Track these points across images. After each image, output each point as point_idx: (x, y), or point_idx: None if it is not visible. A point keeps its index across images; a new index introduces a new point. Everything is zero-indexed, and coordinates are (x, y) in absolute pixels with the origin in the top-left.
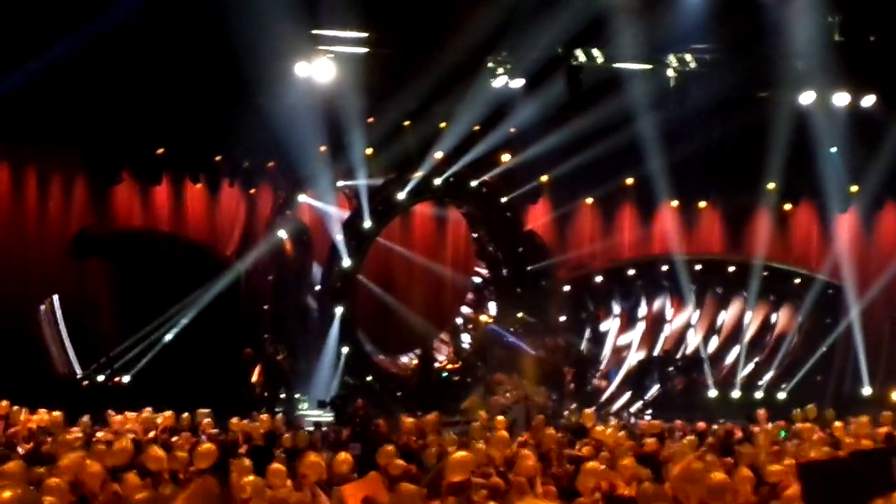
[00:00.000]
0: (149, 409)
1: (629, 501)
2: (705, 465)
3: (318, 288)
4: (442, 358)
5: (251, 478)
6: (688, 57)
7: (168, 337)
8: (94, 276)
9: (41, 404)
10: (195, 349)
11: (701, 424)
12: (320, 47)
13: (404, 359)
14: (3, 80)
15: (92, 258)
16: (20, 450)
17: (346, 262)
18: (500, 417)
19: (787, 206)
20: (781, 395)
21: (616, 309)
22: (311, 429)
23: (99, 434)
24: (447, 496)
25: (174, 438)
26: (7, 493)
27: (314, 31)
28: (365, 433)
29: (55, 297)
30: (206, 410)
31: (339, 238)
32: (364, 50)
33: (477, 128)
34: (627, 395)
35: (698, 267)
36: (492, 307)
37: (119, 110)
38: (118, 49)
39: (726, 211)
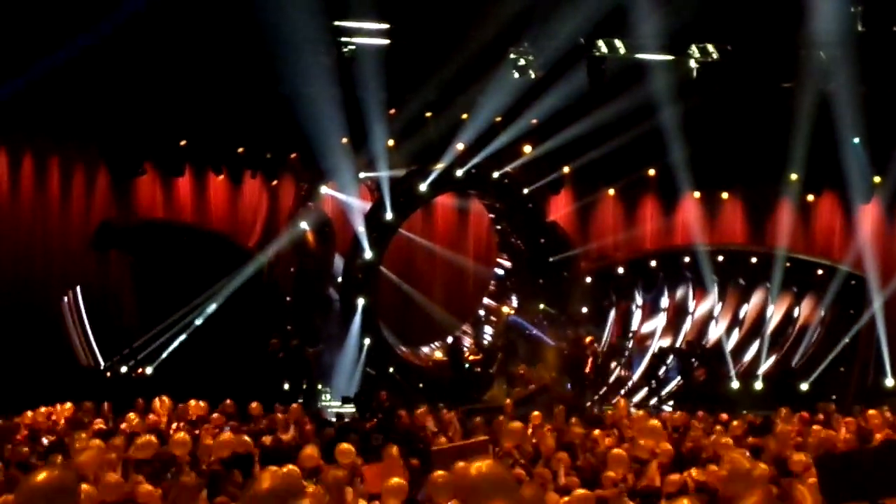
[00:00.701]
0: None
1: (653, 493)
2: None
3: (339, 279)
4: (464, 349)
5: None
6: (710, 47)
7: (191, 328)
8: (116, 267)
9: (64, 396)
10: (218, 340)
11: (723, 416)
12: (343, 39)
13: (426, 350)
14: (25, 73)
15: (114, 250)
16: (44, 440)
17: (368, 254)
18: (536, 413)
19: (810, 197)
20: (804, 387)
21: (638, 300)
22: (335, 419)
23: (123, 426)
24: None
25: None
26: (43, 474)
27: (337, 23)
28: (388, 424)
29: (78, 289)
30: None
31: (360, 230)
32: (386, 41)
33: (499, 119)
34: (649, 386)
35: (720, 258)
36: (514, 298)
37: (141, 102)
38: (140, 40)
39: (749, 202)
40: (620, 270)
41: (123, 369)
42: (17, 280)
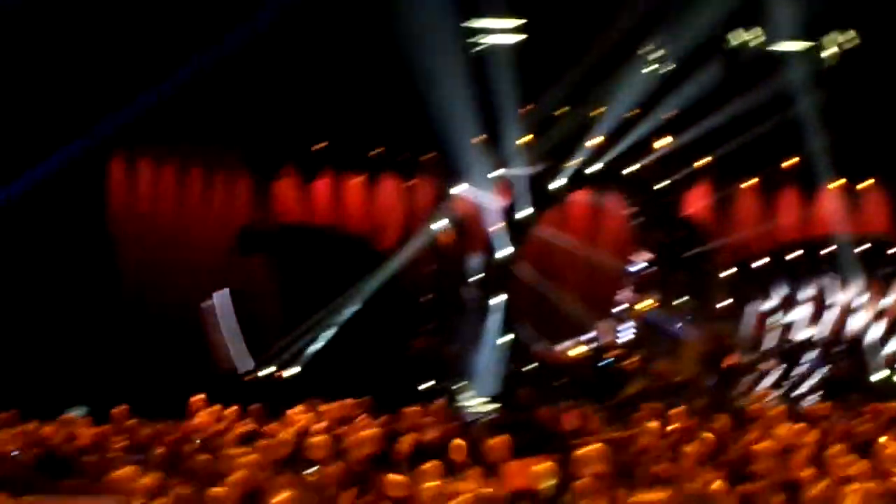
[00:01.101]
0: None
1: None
2: None
3: (476, 278)
4: (603, 346)
5: None
6: (848, 33)
7: (330, 330)
8: (257, 271)
9: (208, 400)
10: (357, 342)
11: (869, 406)
12: (477, 37)
13: (565, 347)
14: (166, 81)
15: (257, 254)
16: (197, 441)
17: (504, 252)
18: (675, 409)
19: None
20: None
21: (779, 292)
22: (475, 419)
23: (265, 428)
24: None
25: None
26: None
27: (469, 21)
28: (528, 422)
29: (221, 293)
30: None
31: (496, 228)
32: (519, 38)
33: (633, 113)
34: (792, 379)
35: (862, 248)
36: (651, 294)
37: (279, 106)
38: (278, 45)
39: (890, 190)
40: (760, 263)
41: (265, 373)
42: (159, 285)
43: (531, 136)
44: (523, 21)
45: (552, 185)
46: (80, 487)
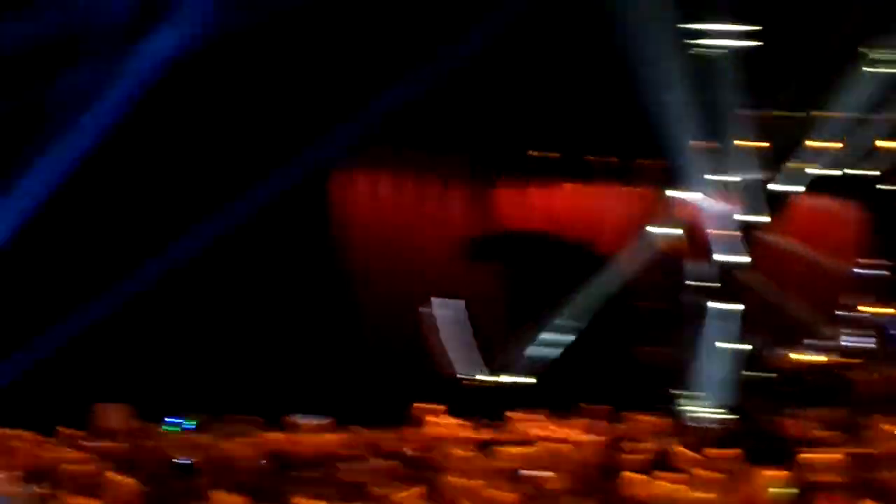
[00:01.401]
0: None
1: None
2: None
3: (700, 284)
4: (835, 352)
5: None
6: None
7: (553, 336)
8: (482, 277)
9: (434, 406)
10: (583, 349)
11: None
12: (699, 41)
13: (796, 353)
14: (390, 93)
15: (484, 260)
16: (407, 451)
17: (730, 258)
18: None
19: None
20: None
21: None
22: (704, 426)
23: (493, 435)
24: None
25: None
26: None
27: (688, 26)
28: (760, 430)
29: (446, 300)
30: None
31: (719, 233)
32: (738, 43)
33: (858, 116)
34: None
35: None
36: (884, 299)
37: (502, 115)
38: (500, 56)
39: None
40: None
41: (489, 378)
42: (384, 293)
43: (757, 141)
44: (747, 25)
45: (780, 190)
46: (314, 492)
